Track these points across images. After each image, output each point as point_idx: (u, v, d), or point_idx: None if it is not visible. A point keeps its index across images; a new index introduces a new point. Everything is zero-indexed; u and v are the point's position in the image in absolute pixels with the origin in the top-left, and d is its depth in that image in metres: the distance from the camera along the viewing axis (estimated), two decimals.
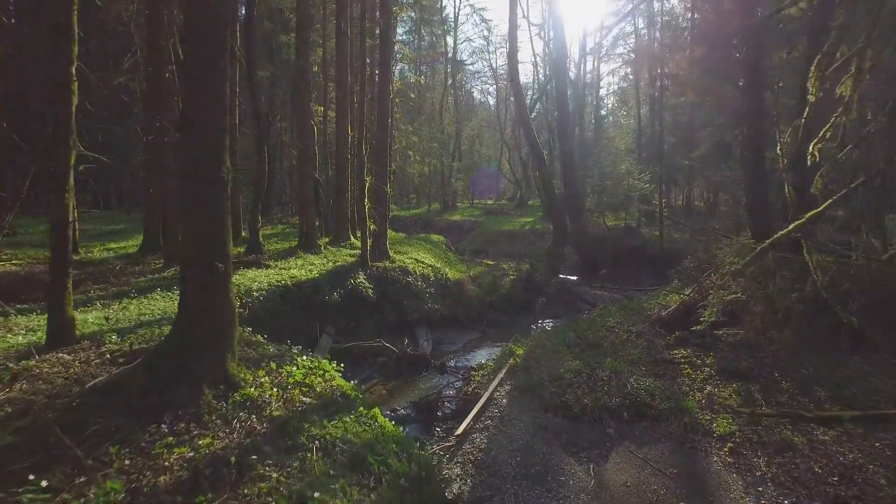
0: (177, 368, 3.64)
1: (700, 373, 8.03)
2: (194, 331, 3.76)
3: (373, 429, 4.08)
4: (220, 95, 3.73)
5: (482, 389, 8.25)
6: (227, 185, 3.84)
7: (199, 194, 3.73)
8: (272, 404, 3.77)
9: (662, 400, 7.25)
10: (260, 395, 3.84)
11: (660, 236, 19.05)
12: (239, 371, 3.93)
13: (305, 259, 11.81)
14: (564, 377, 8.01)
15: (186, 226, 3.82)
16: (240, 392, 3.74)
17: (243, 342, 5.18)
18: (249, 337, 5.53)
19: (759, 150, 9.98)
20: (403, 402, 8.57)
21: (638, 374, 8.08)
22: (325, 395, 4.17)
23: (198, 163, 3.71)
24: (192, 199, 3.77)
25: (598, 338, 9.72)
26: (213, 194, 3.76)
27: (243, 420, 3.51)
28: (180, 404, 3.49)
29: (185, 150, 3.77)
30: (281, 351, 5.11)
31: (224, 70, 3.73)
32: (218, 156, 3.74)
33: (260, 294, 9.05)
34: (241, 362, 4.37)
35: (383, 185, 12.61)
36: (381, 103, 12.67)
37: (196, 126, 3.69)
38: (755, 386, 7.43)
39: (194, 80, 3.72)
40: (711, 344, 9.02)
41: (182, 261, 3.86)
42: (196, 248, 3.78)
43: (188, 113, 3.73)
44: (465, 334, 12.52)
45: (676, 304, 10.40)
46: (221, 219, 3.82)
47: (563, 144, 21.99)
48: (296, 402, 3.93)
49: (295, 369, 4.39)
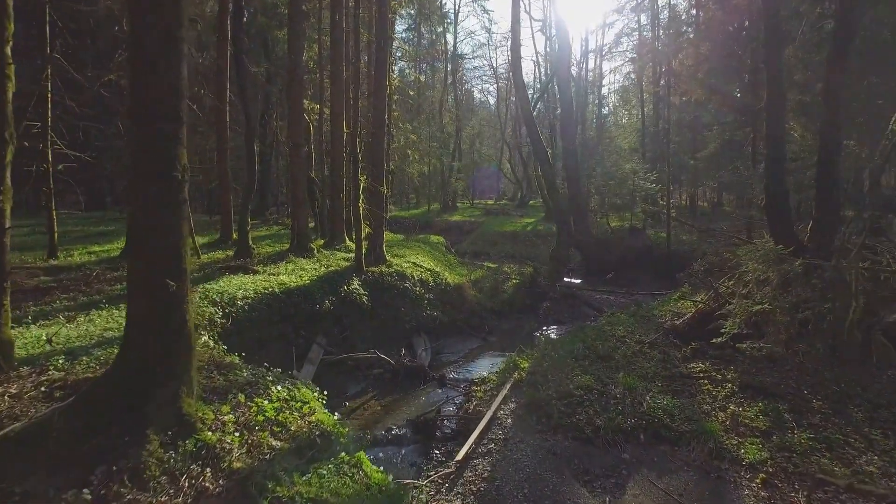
0: (119, 407, 3.00)
1: (721, 389, 7.40)
2: (142, 362, 3.11)
3: (356, 482, 3.44)
4: (174, 78, 3.09)
5: (484, 407, 7.61)
6: (182, 186, 3.19)
7: (149, 197, 3.09)
8: (233, 453, 3.11)
9: (682, 421, 6.62)
10: (220, 439, 3.18)
11: (667, 238, 18.41)
12: (197, 409, 3.28)
13: (297, 263, 11.17)
14: (574, 394, 7.37)
15: (133, 234, 3.17)
16: (195, 437, 3.08)
17: (213, 364, 4.55)
18: (221, 358, 4.89)
19: (779, 148, 9.34)
20: (399, 420, 7.94)
21: (654, 390, 7.45)
22: (301, 436, 3.53)
23: (147, 159, 3.08)
24: (140, 202, 3.13)
25: (609, 349, 9.08)
26: (165, 197, 3.11)
27: (194, 475, 2.86)
28: (118, 455, 2.82)
29: (132, 143, 3.13)
30: (256, 376, 4.46)
31: (179, 47, 3.09)
32: (171, 151, 3.10)
33: (245, 303, 8.42)
34: (205, 393, 3.73)
35: (379, 185, 11.97)
36: (377, 98, 12.02)
37: (145, 116, 3.05)
38: (783, 405, 6.80)
39: (142, 59, 3.06)
40: (731, 356, 8.40)
41: (128, 276, 3.22)
42: (144, 262, 3.13)
43: (136, 100, 3.09)
44: (465, 343, 11.88)
45: (691, 313, 9.77)
46: (176, 227, 3.16)
47: (566, 142, 21.36)
48: (263, 447, 3.27)
49: (266, 403, 3.73)
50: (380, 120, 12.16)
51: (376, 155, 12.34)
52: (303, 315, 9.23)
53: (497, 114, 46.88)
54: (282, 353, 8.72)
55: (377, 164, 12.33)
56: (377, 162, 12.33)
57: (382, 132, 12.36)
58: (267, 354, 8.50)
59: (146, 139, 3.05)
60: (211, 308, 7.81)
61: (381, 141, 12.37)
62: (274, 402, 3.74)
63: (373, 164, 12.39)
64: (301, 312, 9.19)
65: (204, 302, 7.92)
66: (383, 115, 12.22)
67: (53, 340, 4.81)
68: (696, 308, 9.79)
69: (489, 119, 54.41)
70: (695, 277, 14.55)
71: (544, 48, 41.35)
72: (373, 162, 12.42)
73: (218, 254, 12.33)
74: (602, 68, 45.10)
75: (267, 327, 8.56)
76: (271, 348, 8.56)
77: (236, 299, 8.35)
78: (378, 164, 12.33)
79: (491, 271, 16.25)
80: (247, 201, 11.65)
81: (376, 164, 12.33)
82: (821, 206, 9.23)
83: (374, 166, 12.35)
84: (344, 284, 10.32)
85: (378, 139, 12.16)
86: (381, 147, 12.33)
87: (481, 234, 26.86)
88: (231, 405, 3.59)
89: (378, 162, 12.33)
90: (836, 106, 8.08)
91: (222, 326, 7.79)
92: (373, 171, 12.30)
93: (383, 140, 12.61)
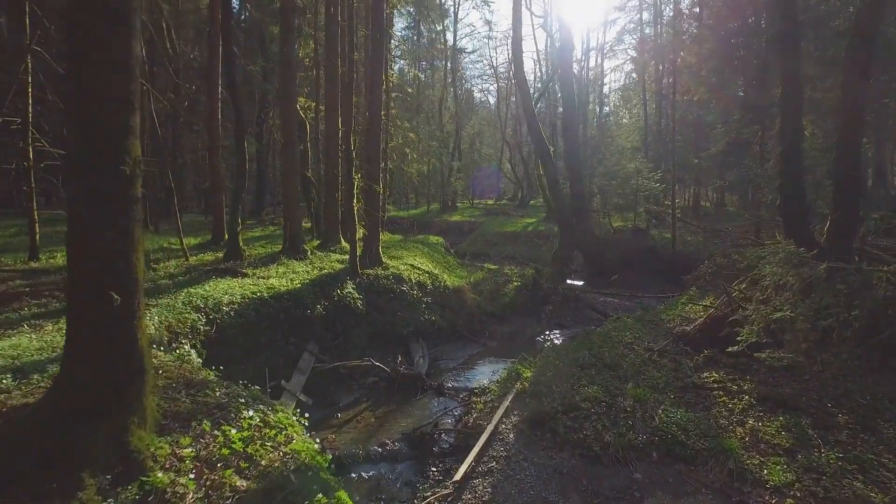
0: (53, 444, 2.53)
1: (738, 402, 6.91)
2: (81, 390, 2.63)
3: None
4: (122, 53, 2.61)
5: (485, 420, 7.13)
6: (132, 182, 2.71)
7: (91, 193, 2.61)
8: (186, 499, 2.60)
9: (698, 437, 6.15)
10: (172, 481, 2.67)
11: (672, 239, 17.93)
12: (149, 443, 2.79)
13: (289, 266, 10.68)
14: (580, 407, 6.90)
15: (71, 237, 2.69)
16: (142, 479, 2.59)
17: (183, 382, 4.06)
18: (193, 374, 4.40)
19: (795, 145, 8.86)
20: (394, 434, 7.46)
21: (665, 402, 6.97)
22: (273, 473, 3.03)
23: (88, 149, 2.60)
24: (81, 199, 2.64)
25: (616, 357, 8.61)
26: (109, 194, 2.64)
27: None
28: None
29: (70, 130, 2.65)
30: (230, 395, 3.96)
31: (129, 17, 2.60)
32: (117, 140, 2.62)
33: (232, 308, 7.95)
34: (166, 419, 3.23)
35: (375, 184, 11.49)
36: (372, 94, 11.55)
37: (85, 97, 2.58)
38: (805, 419, 6.31)
39: (81, 29, 2.57)
40: (746, 365, 7.91)
41: (67, 287, 2.75)
42: (85, 271, 2.65)
43: (74, 78, 2.61)
44: (465, 348, 11.40)
45: (702, 318, 9.29)
46: (124, 229, 2.68)
47: (569, 140, 20.88)
48: (225, 489, 2.74)
49: (234, 432, 3.24)
50: (375, 116, 11.68)
51: (372, 152, 11.86)
52: (293, 321, 8.75)
53: (497, 113, 46.39)
54: (270, 361, 8.25)
55: (373, 162, 11.85)
56: (373, 160, 11.85)
57: (378, 129, 11.88)
58: (254, 363, 8.05)
59: (87, 125, 2.57)
60: (194, 315, 7.33)
61: (377, 138, 11.89)
62: (244, 431, 3.24)
63: (368, 163, 11.91)
64: (291, 318, 8.72)
65: (187, 308, 7.45)
66: (379, 110, 11.74)
67: (7, 354, 4.32)
68: (707, 313, 9.30)
69: (489, 118, 53.94)
70: (702, 280, 14.09)
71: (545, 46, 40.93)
72: (368, 160, 11.94)
73: (207, 255, 11.86)
74: (603, 66, 44.67)
75: (255, 334, 8.08)
76: (259, 357, 8.09)
77: (222, 305, 7.87)
78: (374, 162, 11.84)
79: (491, 273, 15.78)
80: (237, 201, 11.17)
81: (372, 163, 11.84)
82: (839, 206, 8.75)
83: (370, 164, 11.87)
84: (337, 288, 9.84)
85: (374, 136, 11.67)
86: (376, 144, 11.84)
87: (481, 234, 26.38)
88: (193, 435, 3.09)
89: (374, 160, 11.84)
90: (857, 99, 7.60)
91: (206, 334, 7.31)
92: (368, 169, 11.82)
93: (379, 137, 12.13)
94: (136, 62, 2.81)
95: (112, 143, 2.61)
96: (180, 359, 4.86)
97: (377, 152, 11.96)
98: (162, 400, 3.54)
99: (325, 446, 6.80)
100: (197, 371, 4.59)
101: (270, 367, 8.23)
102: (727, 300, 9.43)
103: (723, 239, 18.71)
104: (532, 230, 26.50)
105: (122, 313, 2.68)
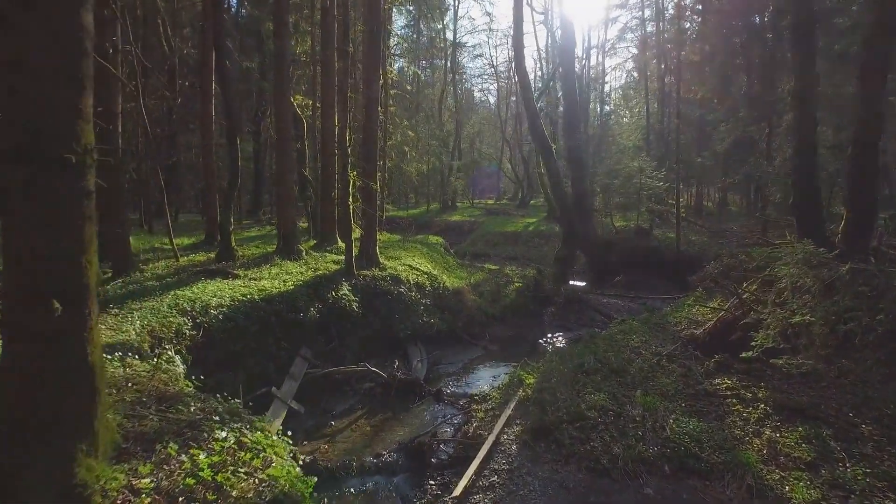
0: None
1: (753, 410, 6.54)
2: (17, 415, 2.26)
3: None
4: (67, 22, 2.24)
5: (486, 430, 6.77)
6: (81, 173, 2.34)
7: (26, 185, 2.23)
8: None
9: (713, 449, 5.77)
10: None
11: (676, 239, 17.55)
12: (100, 474, 2.39)
13: (282, 267, 10.31)
14: (587, 416, 6.53)
15: (7, 237, 2.31)
16: None
17: (154, 396, 3.67)
18: (166, 386, 4.02)
19: (810, 140, 8.49)
20: (390, 444, 7.09)
21: (677, 411, 6.61)
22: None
23: (27, 133, 2.22)
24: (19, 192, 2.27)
25: (623, 362, 8.24)
26: (50, 186, 2.27)
27: None
28: None
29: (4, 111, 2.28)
30: (206, 410, 3.58)
31: None
32: (61, 124, 2.26)
33: (220, 311, 7.58)
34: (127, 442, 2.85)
35: (372, 182, 11.11)
36: (369, 89, 11.18)
37: (22, 71, 2.21)
38: (826, 430, 5.94)
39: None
40: (759, 371, 7.54)
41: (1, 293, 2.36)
42: (26, 275, 2.28)
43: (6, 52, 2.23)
44: (464, 352, 11.03)
45: (712, 321, 8.92)
46: (69, 226, 2.31)
47: (571, 139, 20.49)
48: None
49: (203, 457, 2.86)
50: (372, 113, 11.30)
51: (369, 150, 11.49)
52: (285, 325, 8.38)
53: (497, 112, 46.02)
54: (260, 367, 7.89)
55: (369, 159, 11.47)
56: (369, 157, 11.48)
57: (375, 126, 11.51)
58: (244, 369, 7.68)
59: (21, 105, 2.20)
60: (179, 318, 6.97)
61: (374, 135, 11.52)
62: (214, 456, 2.86)
63: (365, 160, 11.53)
64: (283, 322, 8.35)
65: (172, 311, 7.08)
66: (376, 106, 11.37)
67: None
68: (717, 316, 8.93)
69: (489, 118, 53.62)
70: (709, 281, 13.70)
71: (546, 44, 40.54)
72: (365, 157, 11.57)
73: (199, 256, 11.48)
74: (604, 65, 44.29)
75: (244, 339, 7.71)
76: (249, 362, 7.72)
77: (210, 308, 7.50)
78: (370, 159, 11.47)
79: (492, 274, 15.41)
80: (229, 200, 10.78)
81: (369, 160, 11.47)
82: (854, 204, 8.38)
83: (367, 162, 11.49)
84: (332, 290, 9.46)
85: (370, 133, 11.30)
86: (373, 141, 11.47)
87: (481, 234, 26.03)
88: (156, 461, 2.69)
89: (370, 157, 11.47)
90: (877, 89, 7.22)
91: (192, 339, 6.94)
92: (365, 167, 11.45)
93: (376, 134, 11.76)
94: (87, 35, 2.44)
95: (54, 126, 2.24)
96: (156, 368, 4.49)
97: (374, 150, 11.59)
98: (126, 419, 3.17)
99: (317, 458, 6.44)
100: (173, 382, 4.21)
101: (261, 373, 7.86)
102: (738, 302, 9.06)
103: (728, 239, 18.33)
104: (533, 230, 26.14)
105: (67, 325, 2.30)
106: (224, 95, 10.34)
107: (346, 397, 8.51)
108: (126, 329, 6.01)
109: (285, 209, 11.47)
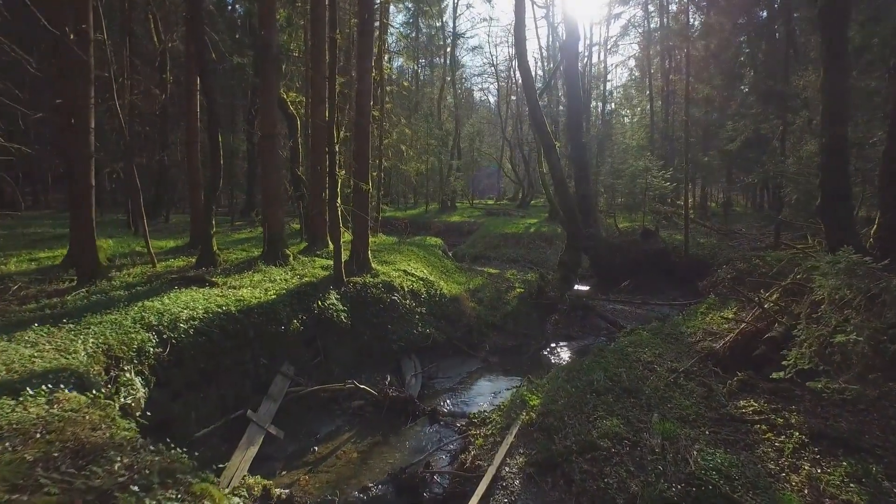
0: None
1: (787, 440, 5.80)
2: None
3: None
4: None
5: (485, 460, 6.03)
6: None
7: None
8: None
9: (745, 487, 5.03)
10: None
11: (685, 241, 16.80)
12: None
13: (266, 273, 9.57)
14: (599, 446, 5.80)
15: None
16: None
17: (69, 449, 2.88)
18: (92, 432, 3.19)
19: (840, 139, 7.74)
20: (379, 474, 6.37)
21: (701, 440, 5.86)
22: None
23: None
24: None
25: (636, 379, 7.51)
26: None
27: None
28: None
29: None
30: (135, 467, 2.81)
31: None
32: None
33: (191, 325, 6.83)
34: None
35: (363, 183, 10.36)
36: (361, 82, 10.42)
37: None
38: (874, 464, 5.20)
39: None
40: (788, 391, 6.81)
41: None
42: None
43: None
44: (462, 364, 10.29)
45: (733, 334, 8.17)
46: None
47: (574, 137, 19.76)
48: None
49: None
50: (364, 108, 10.55)
51: (361, 148, 10.73)
52: (265, 338, 7.64)
53: (497, 112, 45.26)
54: (236, 387, 7.15)
55: (362, 158, 10.72)
56: (362, 156, 10.72)
57: (368, 122, 10.75)
58: (217, 389, 6.95)
59: None
60: (143, 334, 6.22)
61: (366, 132, 10.77)
62: None
63: (357, 159, 10.78)
64: (263, 335, 7.60)
65: (136, 326, 6.34)
66: (368, 99, 10.61)
67: None
68: (738, 329, 8.19)
69: (489, 118, 52.90)
70: (721, 286, 12.98)
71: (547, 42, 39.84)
72: (357, 156, 10.82)
73: (178, 261, 10.74)
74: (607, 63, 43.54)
75: (218, 356, 6.97)
76: (222, 382, 6.99)
77: (179, 321, 6.75)
78: (362, 158, 10.72)
79: (492, 278, 14.66)
80: (210, 201, 10.03)
81: (361, 159, 10.72)
82: (889, 207, 7.65)
83: (359, 161, 10.74)
84: (318, 299, 8.72)
85: (362, 129, 10.54)
86: (365, 139, 10.72)
87: (481, 235, 25.26)
88: None
89: (362, 156, 10.72)
90: None
91: (157, 357, 6.20)
92: (357, 166, 10.70)
93: (369, 132, 11.00)
94: None
95: None
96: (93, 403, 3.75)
97: (366, 148, 10.83)
98: (10, 489, 2.44)
99: (294, 493, 5.70)
100: (106, 424, 3.44)
101: (237, 394, 7.13)
102: (759, 312, 8.33)
103: (738, 241, 17.59)
104: (534, 231, 25.40)
105: None
106: (204, 89, 9.60)
107: (333, 417, 7.78)
108: (74, 349, 5.26)
109: (272, 210, 10.70)
